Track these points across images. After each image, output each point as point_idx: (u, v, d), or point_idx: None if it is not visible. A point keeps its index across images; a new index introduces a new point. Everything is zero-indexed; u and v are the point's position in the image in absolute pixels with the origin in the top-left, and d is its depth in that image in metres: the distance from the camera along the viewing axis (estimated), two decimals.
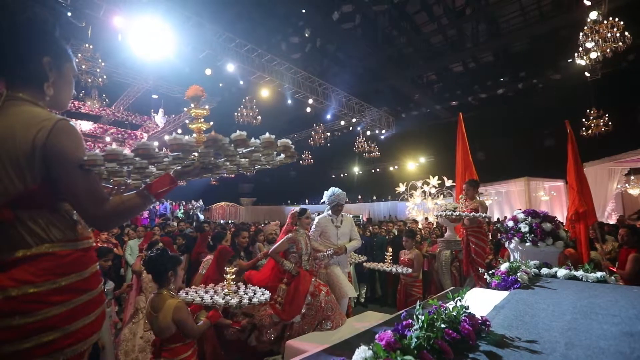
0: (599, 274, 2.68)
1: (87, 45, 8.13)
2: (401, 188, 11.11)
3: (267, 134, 1.17)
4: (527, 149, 15.17)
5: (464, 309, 1.51)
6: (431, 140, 16.77)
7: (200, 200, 16.73)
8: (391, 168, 19.84)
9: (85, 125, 12.87)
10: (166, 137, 1.10)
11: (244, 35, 10.62)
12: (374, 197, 21.26)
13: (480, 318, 1.52)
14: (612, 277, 2.68)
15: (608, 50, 6.50)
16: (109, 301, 3.04)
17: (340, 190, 3.78)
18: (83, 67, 8.10)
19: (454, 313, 1.47)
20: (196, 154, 1.16)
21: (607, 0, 7.30)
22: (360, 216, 18.19)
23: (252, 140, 1.15)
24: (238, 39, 10.25)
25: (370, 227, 7.56)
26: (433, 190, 10.76)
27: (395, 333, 1.08)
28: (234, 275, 2.55)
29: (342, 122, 15.87)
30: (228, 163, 1.25)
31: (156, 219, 11.24)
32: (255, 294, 2.55)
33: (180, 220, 8.13)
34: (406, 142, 17.74)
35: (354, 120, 15.15)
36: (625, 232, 3.96)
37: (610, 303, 2.02)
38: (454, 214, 3.75)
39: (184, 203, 16.15)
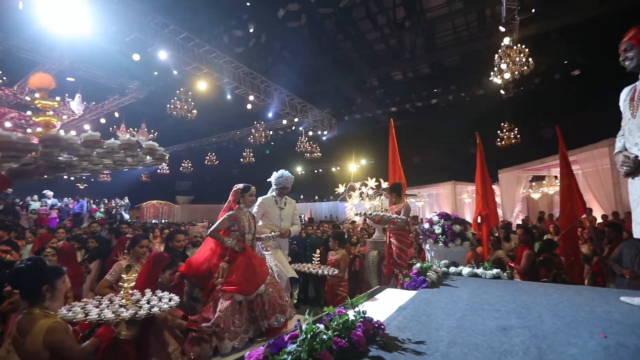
0: (494, 270, 2.98)
1: None
2: (340, 189, 11.36)
3: (128, 136, 1.04)
4: (455, 155, 16.68)
5: (360, 315, 1.51)
6: (372, 143, 17.45)
7: (126, 198, 15.06)
8: (333, 169, 20.26)
9: None
10: None
11: (181, 22, 9.89)
12: (316, 197, 21.53)
13: (376, 322, 1.54)
14: (505, 273, 2.98)
15: (517, 72, 7.44)
16: None
17: (289, 174, 3.81)
18: None
19: (351, 318, 1.46)
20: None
21: (518, 29, 8.34)
22: (302, 216, 18.25)
23: (112, 140, 1.01)
24: (173, 25, 9.51)
25: (304, 228, 7.56)
26: (370, 192, 11.18)
27: (268, 349, 1.01)
28: (134, 283, 2.27)
29: (284, 122, 15.74)
30: (86, 162, 1.08)
31: (67, 219, 9.80)
32: (161, 300, 2.29)
33: (94, 220, 7.20)
34: (348, 144, 18.25)
35: (296, 119, 15.12)
36: (521, 232, 4.54)
37: (498, 298, 2.23)
38: (368, 213, 3.94)
39: (105, 201, 14.40)
